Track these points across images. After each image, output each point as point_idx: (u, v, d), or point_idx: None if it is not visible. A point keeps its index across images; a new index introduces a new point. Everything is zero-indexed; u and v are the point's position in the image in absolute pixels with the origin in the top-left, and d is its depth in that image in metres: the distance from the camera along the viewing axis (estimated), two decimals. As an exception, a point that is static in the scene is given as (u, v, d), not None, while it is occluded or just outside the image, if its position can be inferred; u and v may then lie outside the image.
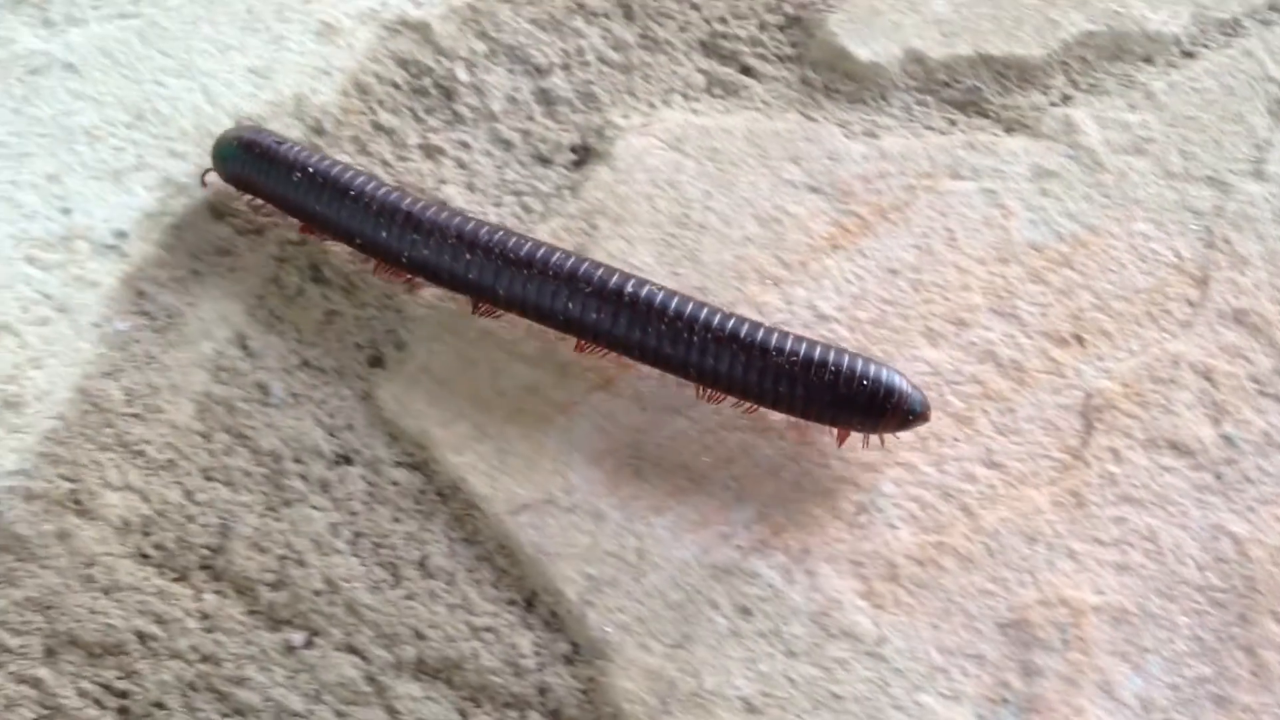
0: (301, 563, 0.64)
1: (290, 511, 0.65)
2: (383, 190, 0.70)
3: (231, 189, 0.73)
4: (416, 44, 0.80)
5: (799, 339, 0.64)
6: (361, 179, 0.70)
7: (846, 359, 0.63)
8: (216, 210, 0.73)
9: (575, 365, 0.68)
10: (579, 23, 0.82)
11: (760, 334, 0.64)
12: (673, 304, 0.65)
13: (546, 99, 0.80)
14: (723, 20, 0.83)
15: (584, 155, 0.77)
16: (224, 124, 0.76)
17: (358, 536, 0.65)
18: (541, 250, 0.67)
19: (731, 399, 0.66)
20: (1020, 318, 0.70)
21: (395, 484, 0.66)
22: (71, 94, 0.76)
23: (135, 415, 0.67)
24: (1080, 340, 0.69)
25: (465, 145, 0.77)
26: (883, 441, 0.65)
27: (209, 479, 0.66)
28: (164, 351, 0.69)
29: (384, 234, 0.69)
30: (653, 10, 0.83)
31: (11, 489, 0.63)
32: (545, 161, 0.77)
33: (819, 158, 0.76)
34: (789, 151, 0.76)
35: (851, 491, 0.65)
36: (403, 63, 0.80)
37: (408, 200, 0.69)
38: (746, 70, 0.81)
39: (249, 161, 0.71)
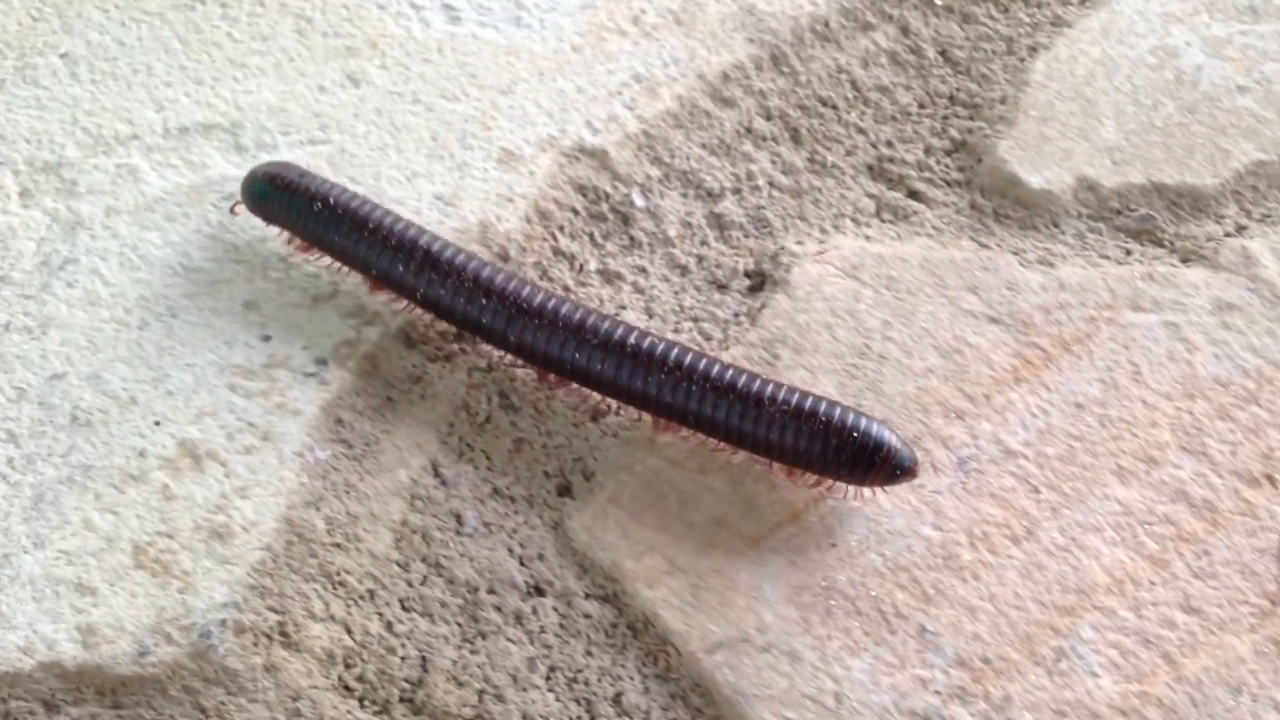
0: (500, 697, 0.63)
1: (487, 644, 0.64)
2: (400, 225, 0.70)
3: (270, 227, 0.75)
4: (594, 170, 0.80)
5: (791, 389, 0.65)
6: (380, 213, 0.71)
7: (838, 410, 0.64)
8: (408, 338, 0.73)
9: (763, 497, 0.67)
10: (748, 147, 0.82)
11: (754, 384, 0.65)
12: (671, 354, 0.66)
13: (720, 224, 0.79)
14: (889, 144, 0.82)
15: (759, 281, 0.76)
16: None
17: (552, 671, 0.64)
18: (551, 301, 0.68)
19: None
20: (1210, 456, 0.67)
21: (588, 616, 0.65)
22: (264, 223, 0.77)
23: (337, 545, 0.66)
24: (1272, 481, 0.67)
25: (642, 270, 0.77)
26: (873, 494, 0.65)
27: (407, 610, 0.65)
28: (362, 480, 0.68)
29: (400, 269, 0.69)
30: (820, 134, 0.82)
31: (223, 622, 0.63)
32: (721, 287, 0.76)
33: (997, 287, 0.74)
34: (966, 280, 0.74)
35: (1050, 636, 0.63)
36: (581, 189, 0.79)
37: (425, 238, 0.70)
38: (915, 195, 0.80)
39: (273, 194, 0.72)
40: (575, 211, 0.79)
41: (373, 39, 0.85)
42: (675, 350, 0.66)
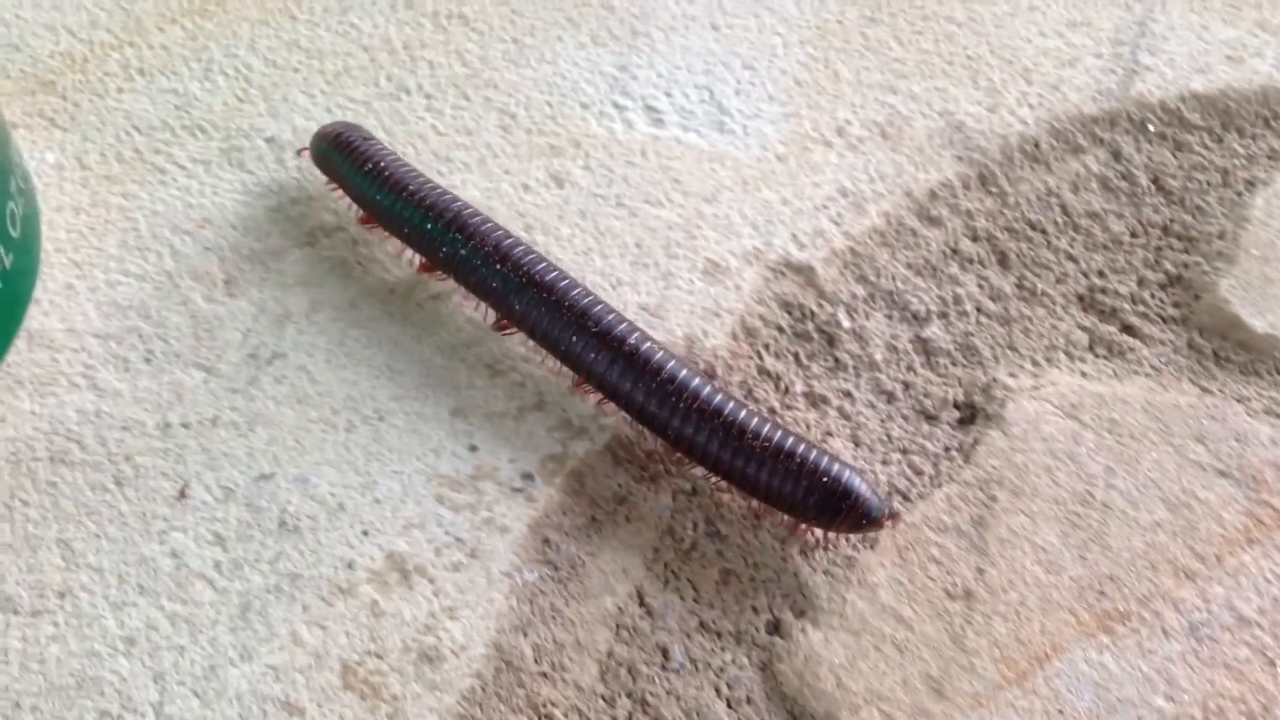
0: None
1: (696, 790, 0.61)
2: (437, 192, 0.72)
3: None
4: (800, 287, 0.76)
5: (775, 426, 0.64)
6: (420, 179, 0.73)
7: (814, 454, 0.63)
8: (615, 455, 0.70)
9: (985, 654, 0.63)
10: (954, 269, 0.78)
11: (739, 414, 0.64)
12: (666, 366, 0.65)
13: (926, 349, 0.75)
14: (1100, 274, 0.77)
15: (970, 414, 0.72)
16: (618, 364, 0.73)
17: (764, 823, 0.60)
18: (564, 283, 0.68)
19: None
20: None
21: (799, 767, 0.61)
22: (471, 324, 0.74)
23: (544, 675, 0.63)
24: None
25: (848, 395, 0.73)
26: (837, 540, 0.65)
27: (614, 747, 0.62)
28: (568, 605, 0.65)
29: (428, 228, 0.71)
30: (1029, 259, 0.78)
31: (433, 753, 0.60)
32: (930, 418, 0.72)
33: (1224, 438, 0.69)
34: (1192, 429, 0.70)
35: (1297, 832, 0.58)
36: (786, 306, 0.76)
37: (457, 204, 0.72)
38: (1129, 329, 0.75)
39: (333, 151, 0.75)
40: (780, 329, 0.75)
41: (576, 138, 0.82)
42: (670, 363, 0.66)
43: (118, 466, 0.68)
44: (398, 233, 0.73)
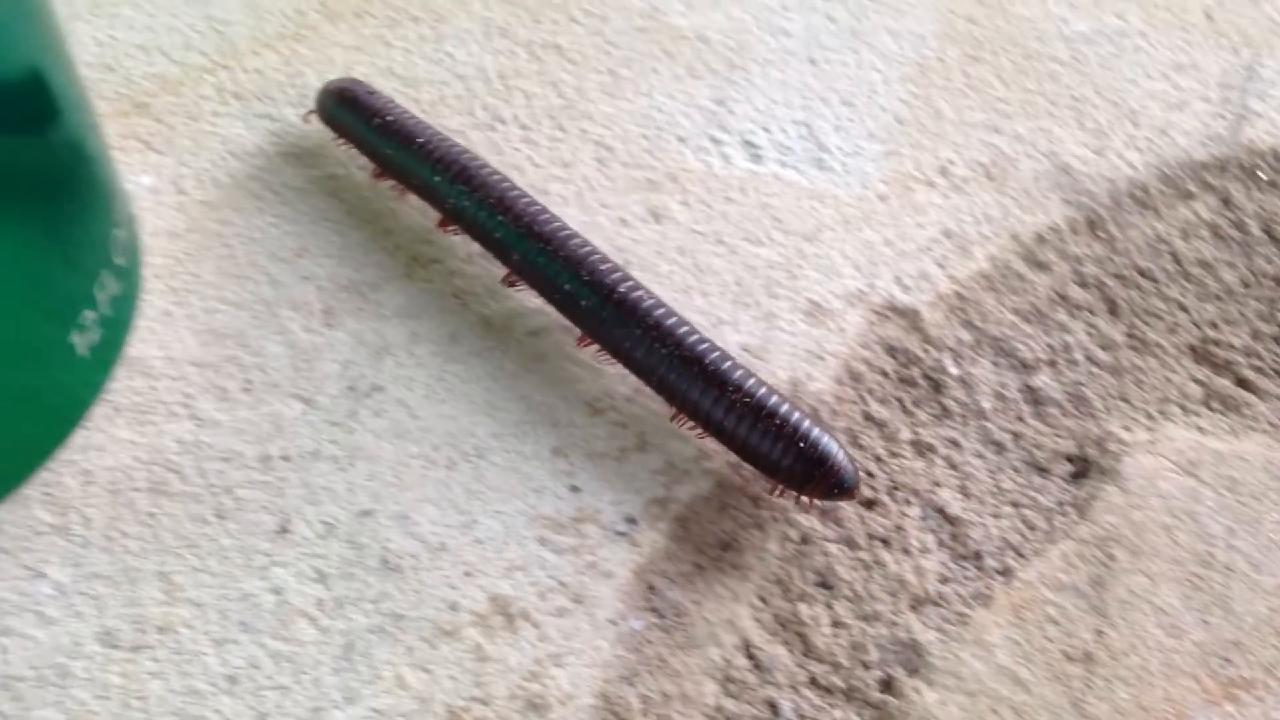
0: None
1: None
2: (446, 144, 0.74)
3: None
4: (905, 331, 0.75)
5: (760, 383, 0.65)
6: (430, 131, 0.75)
7: (795, 416, 0.64)
8: (721, 500, 0.68)
9: None
10: (1063, 316, 0.76)
11: (726, 367, 0.65)
12: (655, 314, 0.66)
13: (1035, 398, 0.73)
14: (1213, 325, 0.75)
15: (1083, 467, 0.70)
16: (722, 406, 0.71)
17: None
18: (564, 233, 0.70)
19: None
20: None
21: (913, 830, 0.59)
22: (572, 360, 0.73)
23: (651, 727, 0.61)
24: None
25: (955, 444, 0.71)
26: (810, 504, 0.65)
27: (723, 804, 0.60)
28: (674, 654, 0.63)
29: (436, 180, 0.73)
30: (1139, 308, 0.76)
31: (542, 806, 0.58)
32: (1042, 471, 0.70)
33: (1349, 501, 0.67)
34: (1314, 490, 0.67)
35: None
36: (891, 350, 0.74)
37: (465, 156, 0.74)
38: (1244, 384, 0.73)
39: (340, 107, 0.77)
40: (885, 374, 0.73)
41: (673, 173, 0.81)
42: (660, 311, 0.67)
43: (218, 499, 0.66)
44: (409, 185, 0.76)
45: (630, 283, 0.68)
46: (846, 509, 0.68)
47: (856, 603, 0.65)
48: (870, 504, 0.68)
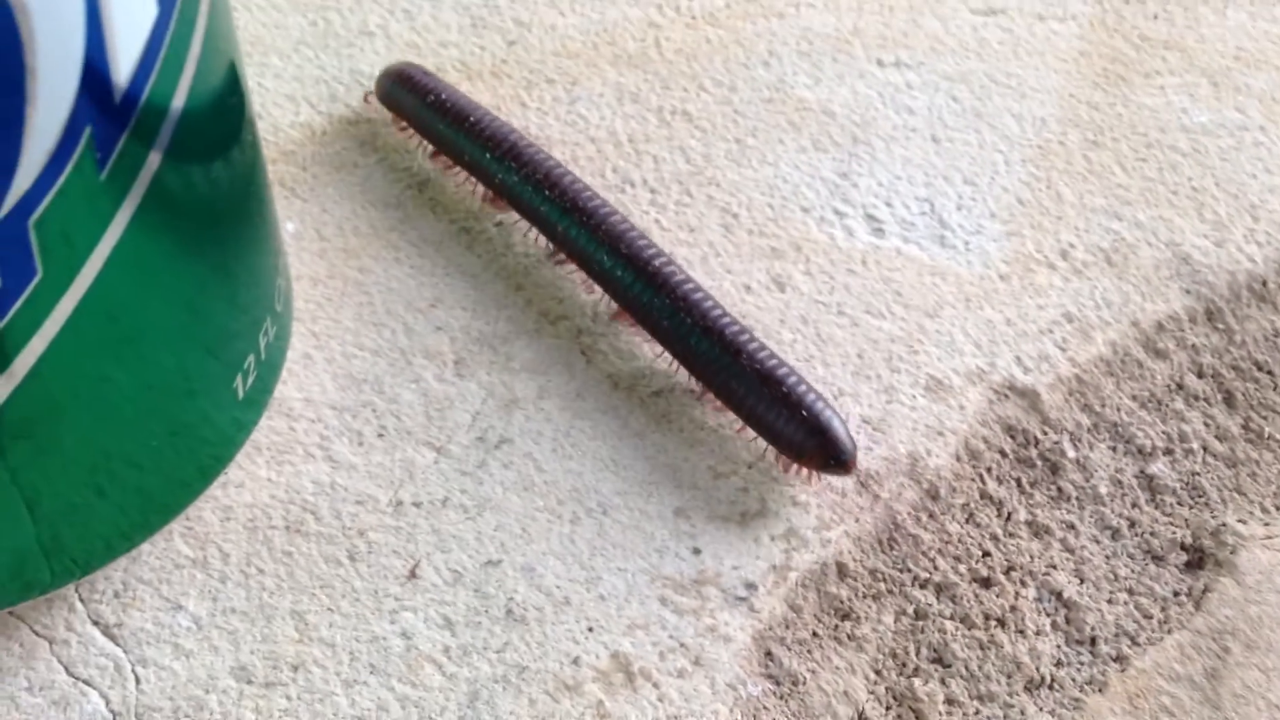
0: None
1: None
2: (496, 123, 0.79)
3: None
4: (1024, 411, 0.75)
5: (771, 355, 0.69)
6: (481, 111, 0.80)
7: (801, 388, 0.68)
8: (840, 569, 0.69)
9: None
10: (1179, 404, 0.76)
11: (744, 340, 0.70)
12: (684, 288, 0.72)
13: (1151, 486, 0.73)
14: (1333, 421, 0.75)
15: (1198, 558, 0.70)
16: (842, 478, 0.72)
17: None
18: (602, 209, 0.75)
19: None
20: None
21: None
22: (694, 423, 0.74)
23: (767, 793, 0.62)
24: None
25: (1071, 527, 0.71)
26: (809, 476, 0.69)
27: None
28: (790, 722, 0.64)
29: (486, 157, 0.78)
30: (1255, 401, 0.76)
31: None
32: (1157, 559, 0.70)
33: None
34: None
35: None
36: (1010, 430, 0.74)
37: (514, 135, 0.79)
38: (1364, 483, 0.73)
39: (397, 87, 0.83)
40: (1004, 454, 0.74)
41: (797, 242, 0.82)
42: (689, 286, 0.72)
43: (351, 541, 0.68)
44: (460, 162, 0.81)
45: (664, 259, 0.73)
46: (962, 586, 0.68)
47: (971, 681, 0.65)
48: (986, 583, 0.68)
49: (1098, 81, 0.91)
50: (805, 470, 0.69)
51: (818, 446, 0.67)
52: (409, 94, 0.82)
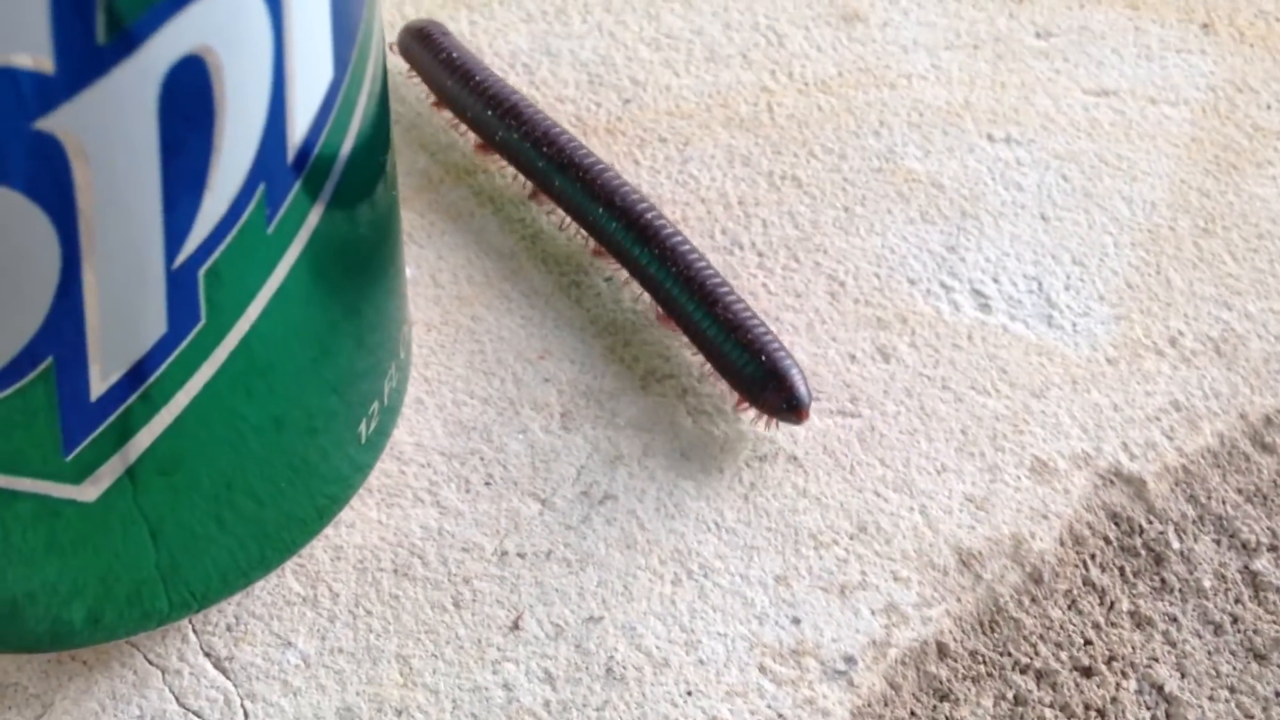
0: None
1: None
2: (497, 82, 0.85)
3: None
4: (1129, 499, 0.75)
5: (745, 307, 0.75)
6: (485, 70, 0.86)
7: (766, 337, 0.74)
8: (940, 648, 0.68)
9: None
10: (1287, 500, 0.75)
11: (721, 291, 0.76)
12: (672, 240, 0.77)
13: (1255, 582, 0.72)
14: None
15: (1305, 659, 0.69)
16: (944, 554, 0.72)
17: None
18: (599, 166, 0.81)
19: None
20: None
21: None
22: (796, 490, 0.74)
23: None
24: None
25: (1174, 620, 0.71)
26: (767, 424, 0.74)
27: None
28: (886, 800, 0.64)
29: (487, 114, 0.84)
30: (1365, 501, 0.75)
31: None
32: (1260, 658, 0.69)
33: None
34: None
35: None
36: (1114, 517, 0.74)
37: (516, 95, 0.84)
38: None
39: (415, 43, 0.89)
40: (1108, 541, 0.73)
41: (903, 314, 0.82)
42: (677, 239, 0.78)
43: (456, 588, 0.69)
44: (463, 118, 0.87)
45: (654, 212, 0.79)
46: (1063, 674, 0.68)
47: (1070, 771, 0.65)
48: (1088, 672, 0.68)
49: (1209, 169, 0.91)
50: (763, 417, 0.74)
51: (775, 391, 0.72)
52: (423, 50, 0.89)
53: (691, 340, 0.77)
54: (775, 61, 0.96)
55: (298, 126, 0.46)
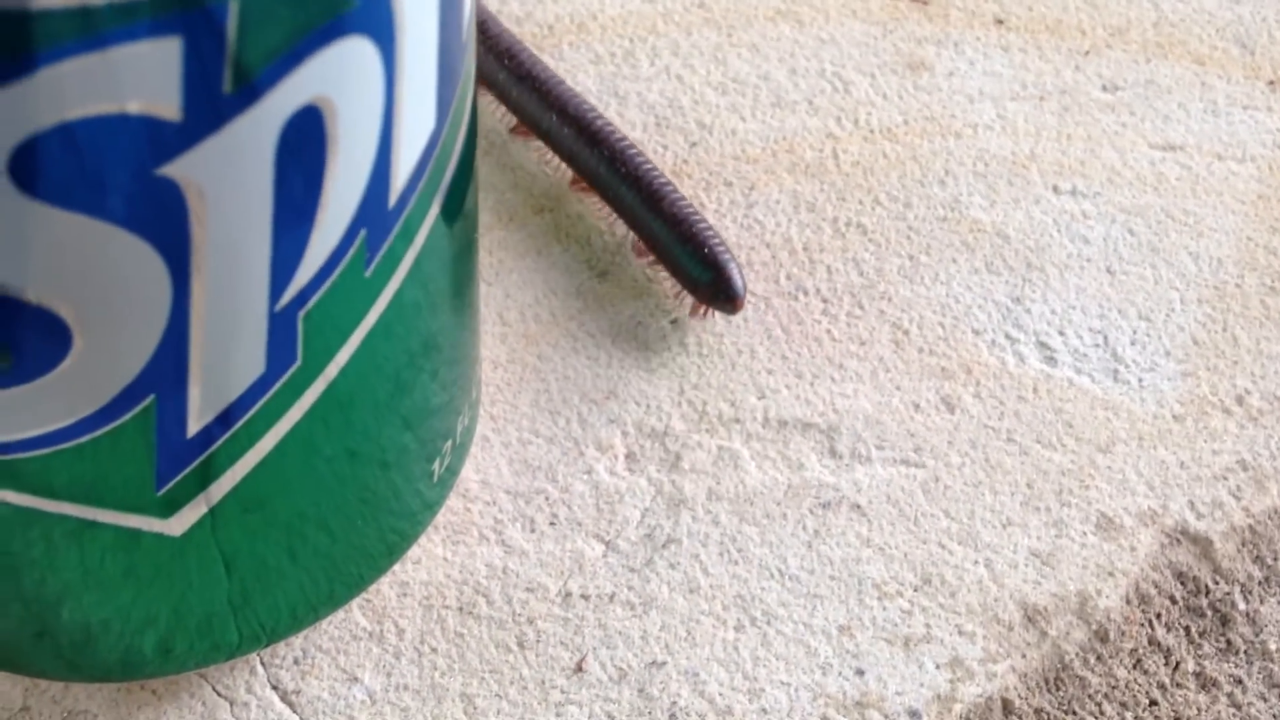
0: None
1: None
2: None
3: None
4: (1195, 558, 0.74)
5: (689, 205, 0.81)
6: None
7: (708, 233, 0.80)
8: (1005, 704, 0.68)
9: None
10: (1356, 565, 0.74)
11: (662, 185, 0.82)
12: (628, 152, 0.84)
13: (1325, 646, 0.71)
14: None
15: (1375, 728, 0.68)
16: (1009, 609, 0.71)
17: None
18: (553, 79, 0.87)
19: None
20: None
21: None
22: (860, 539, 0.74)
23: None
24: None
25: (1239, 682, 0.70)
26: (705, 314, 0.81)
27: None
28: None
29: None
30: None
31: None
32: (1330, 724, 0.69)
33: None
34: None
35: None
36: (1180, 576, 0.73)
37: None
38: None
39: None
40: (1173, 600, 0.73)
41: (967, 364, 0.82)
42: (632, 152, 0.84)
43: (521, 628, 0.69)
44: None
45: (603, 120, 0.85)
46: (1130, 735, 0.67)
47: (1136, 834, 0.64)
48: (1155, 733, 0.67)
49: (1276, 226, 0.91)
50: (701, 307, 0.81)
51: (711, 281, 0.78)
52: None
53: (641, 239, 0.83)
54: (841, 108, 0.97)
55: (401, 173, 0.46)
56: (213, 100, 0.37)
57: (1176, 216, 0.91)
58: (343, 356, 0.50)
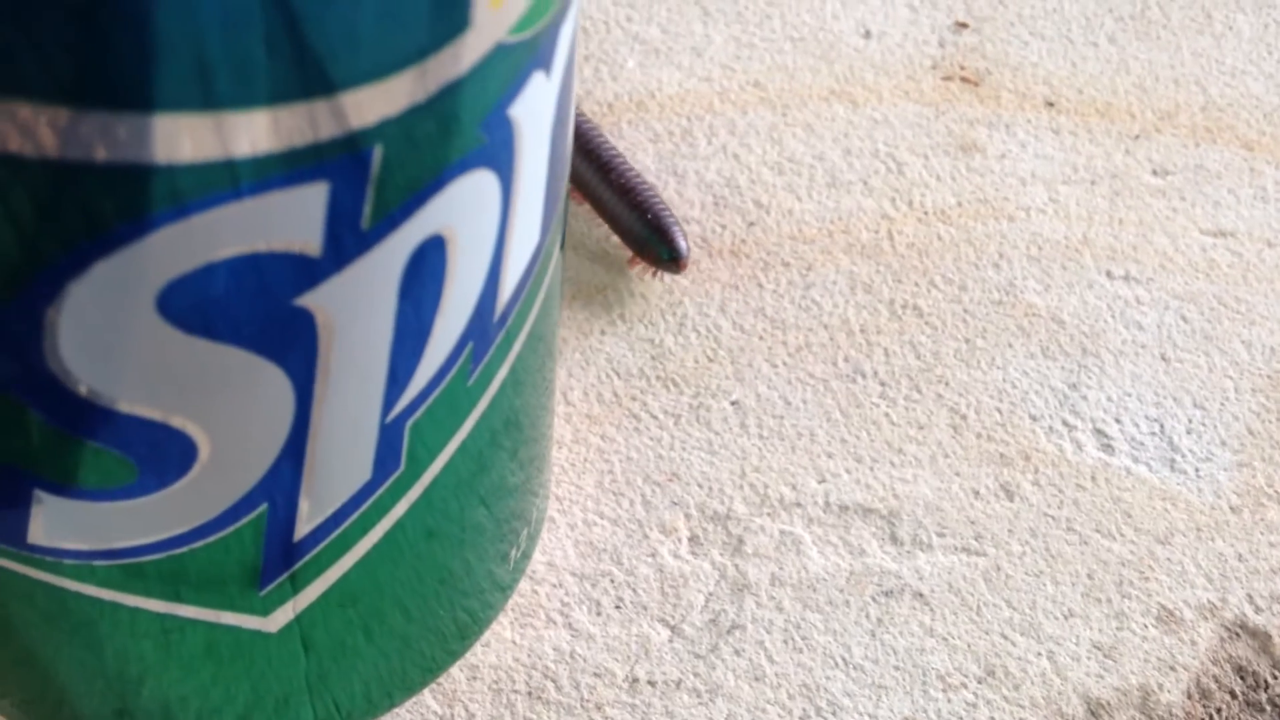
0: None
1: None
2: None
3: None
4: (1254, 652, 0.74)
5: (637, 175, 0.88)
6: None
7: (654, 200, 0.86)
8: (1068, 802, 0.68)
9: None
10: None
11: (613, 156, 0.88)
12: (592, 135, 0.89)
13: (1387, 745, 0.71)
14: None
15: None
16: (1072, 702, 0.71)
17: None
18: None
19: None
20: None
21: None
22: (923, 628, 0.74)
23: None
24: None
25: (1304, 780, 0.70)
26: (654, 275, 0.88)
27: None
28: None
29: None
30: None
31: None
32: (1395, 825, 0.69)
33: None
34: None
35: None
36: (1240, 670, 0.74)
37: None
38: None
39: None
40: (1233, 695, 0.73)
41: (1025, 451, 0.83)
42: (594, 133, 0.89)
43: (589, 714, 0.69)
44: None
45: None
46: (1195, 833, 0.67)
47: None
48: (1220, 833, 0.67)
49: (1328, 314, 0.91)
50: (650, 269, 0.87)
51: (658, 243, 0.85)
52: None
53: (593, 207, 0.89)
54: (895, 189, 0.98)
55: (507, 287, 0.48)
56: (351, 236, 0.38)
57: (1229, 304, 0.92)
58: (441, 460, 0.51)
